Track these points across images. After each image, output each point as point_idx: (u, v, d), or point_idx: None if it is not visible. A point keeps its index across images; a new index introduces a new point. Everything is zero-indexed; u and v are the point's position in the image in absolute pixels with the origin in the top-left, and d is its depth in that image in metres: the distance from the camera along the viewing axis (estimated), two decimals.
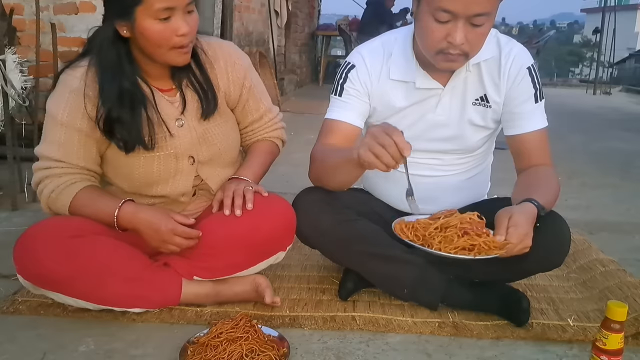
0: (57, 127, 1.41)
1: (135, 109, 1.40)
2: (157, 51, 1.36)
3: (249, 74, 1.59)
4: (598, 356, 1.17)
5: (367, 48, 1.56)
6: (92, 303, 1.39)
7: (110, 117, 1.38)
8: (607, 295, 1.61)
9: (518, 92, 1.49)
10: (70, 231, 1.36)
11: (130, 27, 1.33)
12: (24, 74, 2.41)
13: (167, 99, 1.48)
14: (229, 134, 1.58)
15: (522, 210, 1.29)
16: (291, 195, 1.56)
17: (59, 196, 1.41)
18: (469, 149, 1.59)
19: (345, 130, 1.53)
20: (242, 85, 1.57)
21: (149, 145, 1.43)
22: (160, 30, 1.32)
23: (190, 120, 1.50)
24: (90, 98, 1.39)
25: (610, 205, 2.76)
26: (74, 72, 1.41)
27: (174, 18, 1.32)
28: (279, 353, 1.23)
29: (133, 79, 1.41)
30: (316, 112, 2.41)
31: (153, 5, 1.29)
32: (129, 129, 1.40)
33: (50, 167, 1.42)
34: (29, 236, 1.35)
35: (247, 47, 5.69)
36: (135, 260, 1.42)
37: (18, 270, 1.36)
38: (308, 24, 9.48)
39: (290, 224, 1.50)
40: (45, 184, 1.42)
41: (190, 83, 1.49)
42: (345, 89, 1.54)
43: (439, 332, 1.43)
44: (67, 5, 3.20)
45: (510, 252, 1.27)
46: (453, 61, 1.38)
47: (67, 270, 1.33)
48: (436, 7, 1.29)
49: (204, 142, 1.52)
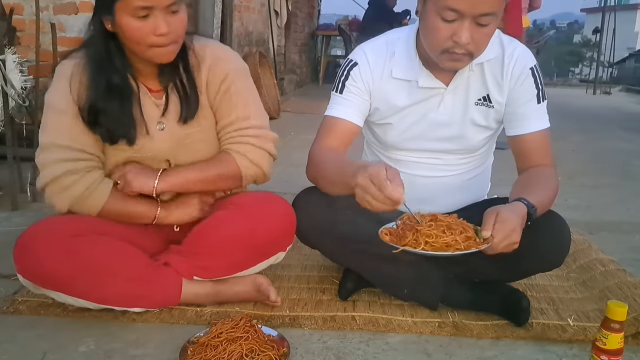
0: (59, 115, 1.40)
1: (123, 102, 1.40)
2: (137, 48, 1.36)
3: (233, 78, 1.50)
4: (598, 356, 1.17)
5: (370, 46, 1.56)
6: (93, 302, 1.39)
7: (96, 107, 1.38)
8: (607, 295, 1.61)
9: (521, 93, 1.49)
10: (70, 230, 1.36)
11: (112, 23, 1.33)
12: (24, 74, 2.41)
13: (154, 100, 1.46)
14: (211, 139, 1.53)
15: (510, 208, 1.28)
16: (291, 195, 1.56)
17: (92, 194, 1.39)
18: (471, 149, 1.59)
19: (345, 128, 1.52)
20: (219, 88, 1.49)
21: (132, 140, 1.43)
22: (138, 28, 1.31)
23: (171, 124, 1.47)
24: (73, 89, 1.39)
25: (610, 205, 2.76)
26: (67, 61, 1.42)
27: (152, 17, 1.31)
28: (279, 353, 1.23)
29: (123, 74, 1.40)
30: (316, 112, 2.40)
31: (131, 2, 1.29)
32: (114, 120, 1.39)
33: (68, 158, 1.38)
34: (29, 235, 1.35)
35: (247, 47, 5.69)
36: (136, 259, 1.42)
37: (18, 269, 1.36)
38: (308, 24, 9.48)
39: (291, 225, 1.50)
40: (76, 180, 1.38)
41: (175, 85, 1.46)
42: (346, 86, 1.53)
43: (439, 332, 1.43)
44: (67, 5, 3.21)
45: (496, 248, 1.24)
46: (458, 60, 1.38)
47: (68, 269, 1.33)
48: (443, 5, 1.29)
49: (183, 147, 1.49)
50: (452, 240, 1.25)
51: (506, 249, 1.25)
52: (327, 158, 1.46)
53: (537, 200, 1.33)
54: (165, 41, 1.34)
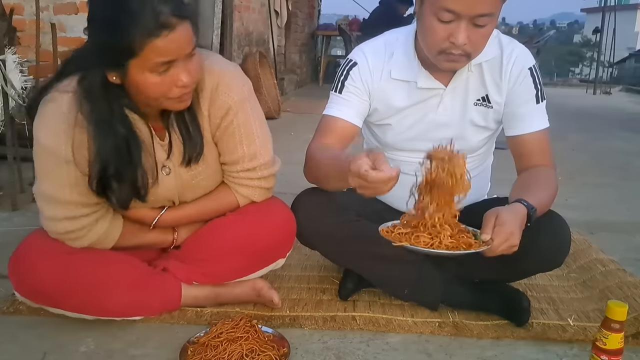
0: (57, 163, 1.26)
1: (133, 160, 1.27)
2: (153, 102, 1.24)
3: (235, 111, 1.37)
4: (598, 356, 1.17)
5: (369, 46, 1.56)
6: (92, 315, 1.37)
7: (107, 175, 1.25)
8: (607, 295, 1.61)
9: (519, 93, 1.49)
10: (65, 247, 1.35)
11: (122, 77, 1.18)
12: (24, 74, 2.41)
13: (159, 141, 1.36)
14: (215, 172, 1.45)
15: (510, 209, 1.28)
16: (291, 195, 1.56)
17: (106, 238, 1.38)
18: (470, 149, 1.58)
19: (343, 128, 1.52)
20: (220, 123, 1.37)
21: (144, 198, 1.33)
22: (157, 83, 1.17)
23: (176, 167, 1.38)
24: (76, 140, 1.24)
25: (610, 205, 2.76)
26: (61, 98, 1.24)
27: (173, 68, 1.17)
28: (279, 353, 1.23)
29: (129, 125, 1.26)
30: (316, 112, 2.38)
31: (150, 59, 1.13)
32: (126, 184, 1.28)
33: (74, 216, 1.30)
34: (23, 253, 1.33)
35: (247, 47, 5.70)
36: (134, 268, 1.41)
37: (15, 287, 1.35)
38: (308, 24, 9.48)
39: (291, 232, 1.49)
40: (84, 234, 1.34)
41: (177, 123, 1.34)
42: (345, 86, 1.52)
43: (439, 332, 1.43)
44: (67, 5, 3.21)
45: (495, 250, 1.24)
46: (455, 61, 1.38)
47: (65, 286, 1.31)
48: (439, 6, 1.29)
49: (189, 188, 1.43)
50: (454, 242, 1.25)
51: (505, 252, 1.25)
52: (323, 156, 1.44)
53: (537, 201, 1.33)
54: (186, 91, 1.23)
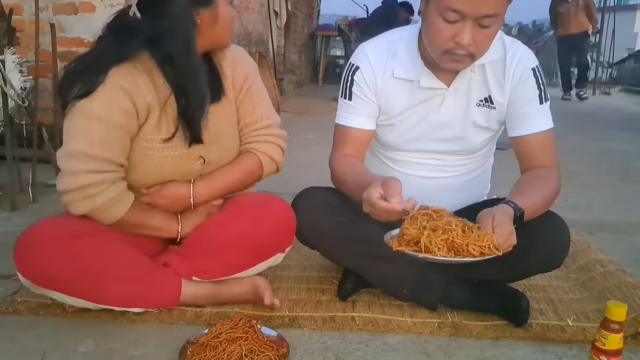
0: (94, 122, 1.32)
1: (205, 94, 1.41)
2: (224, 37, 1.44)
3: (252, 77, 1.54)
4: (597, 356, 1.17)
5: (371, 46, 1.56)
6: (92, 302, 1.39)
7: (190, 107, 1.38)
8: (606, 296, 1.61)
9: (522, 93, 1.49)
10: (71, 232, 1.36)
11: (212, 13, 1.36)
12: (24, 74, 2.41)
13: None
14: (235, 136, 1.54)
15: (500, 211, 1.29)
16: (291, 196, 1.56)
17: (114, 205, 1.37)
18: (472, 150, 1.59)
19: (358, 136, 1.56)
20: (242, 87, 1.52)
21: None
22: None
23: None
24: (135, 95, 1.34)
25: (610, 205, 2.76)
26: (117, 70, 1.34)
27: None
28: (279, 353, 1.23)
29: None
30: (316, 113, 2.40)
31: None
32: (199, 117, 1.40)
33: (97, 170, 1.33)
34: (30, 235, 1.34)
35: (246, 47, 5.69)
36: (136, 260, 1.42)
37: (18, 268, 1.35)
38: (307, 24, 9.49)
39: (290, 226, 1.50)
40: (101, 190, 1.34)
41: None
42: (353, 93, 1.54)
43: (439, 332, 1.43)
44: (67, 5, 3.20)
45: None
46: (459, 62, 1.38)
47: (68, 271, 1.33)
48: (445, 6, 1.29)
49: (214, 143, 1.47)
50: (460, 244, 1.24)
51: (505, 251, 1.25)
52: (347, 173, 1.51)
53: (528, 203, 1.33)
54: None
